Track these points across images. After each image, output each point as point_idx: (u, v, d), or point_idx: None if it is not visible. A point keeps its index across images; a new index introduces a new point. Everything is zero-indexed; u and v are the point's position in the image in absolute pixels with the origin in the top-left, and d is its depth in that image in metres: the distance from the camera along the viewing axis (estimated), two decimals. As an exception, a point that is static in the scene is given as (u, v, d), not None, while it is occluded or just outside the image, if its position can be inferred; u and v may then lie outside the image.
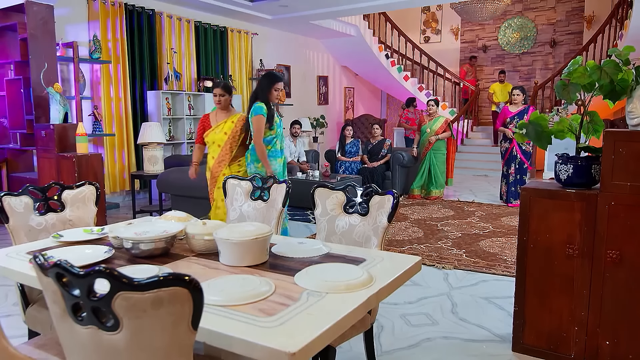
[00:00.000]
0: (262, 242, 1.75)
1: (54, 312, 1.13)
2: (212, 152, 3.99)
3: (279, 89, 3.89)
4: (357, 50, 10.29)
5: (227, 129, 3.93)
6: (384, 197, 2.12)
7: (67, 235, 2.09)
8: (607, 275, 2.29)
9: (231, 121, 3.96)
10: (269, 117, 3.86)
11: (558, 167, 2.44)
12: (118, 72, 6.45)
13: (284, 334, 1.18)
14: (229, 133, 3.93)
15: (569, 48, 11.19)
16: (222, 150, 3.93)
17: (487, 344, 2.70)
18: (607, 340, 2.31)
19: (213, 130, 3.95)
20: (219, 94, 3.92)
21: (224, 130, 3.93)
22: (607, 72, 2.29)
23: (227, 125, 3.94)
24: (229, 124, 3.95)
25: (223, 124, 3.94)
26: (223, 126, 3.93)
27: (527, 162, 6.44)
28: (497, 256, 4.29)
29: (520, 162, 6.43)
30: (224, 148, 3.93)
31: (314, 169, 7.51)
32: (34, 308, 2.05)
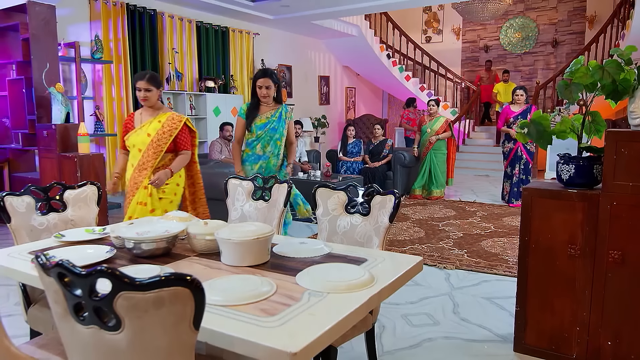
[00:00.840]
0: (264, 242, 1.75)
1: (55, 312, 1.13)
2: (131, 159, 3.28)
3: (262, 85, 3.54)
4: (359, 50, 10.29)
5: (152, 130, 3.22)
6: (386, 197, 2.12)
7: (68, 235, 2.09)
8: (609, 275, 2.28)
9: (157, 121, 3.24)
10: (248, 117, 3.62)
11: (560, 167, 2.44)
12: (120, 72, 6.45)
13: (286, 334, 1.18)
14: (152, 135, 3.20)
15: (570, 48, 11.18)
16: (143, 157, 3.19)
17: (489, 344, 2.70)
18: (609, 341, 2.31)
19: (135, 132, 3.24)
20: (144, 87, 3.20)
21: (146, 132, 3.21)
22: (609, 72, 2.28)
23: (151, 126, 3.23)
24: (154, 123, 3.24)
25: (148, 125, 3.24)
26: (147, 127, 3.23)
27: (532, 162, 6.43)
28: (499, 256, 4.28)
29: (525, 162, 6.40)
30: (146, 153, 3.19)
31: (315, 169, 7.51)
32: (35, 308, 2.06)
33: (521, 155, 6.41)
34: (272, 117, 3.61)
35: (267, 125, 3.60)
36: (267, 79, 3.55)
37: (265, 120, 3.61)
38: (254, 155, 3.65)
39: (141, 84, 3.21)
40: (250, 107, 3.63)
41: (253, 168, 3.64)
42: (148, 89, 3.22)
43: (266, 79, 3.54)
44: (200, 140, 7.44)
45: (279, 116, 3.64)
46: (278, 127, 3.64)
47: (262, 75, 3.57)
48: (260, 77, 3.56)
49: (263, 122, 3.60)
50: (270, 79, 3.55)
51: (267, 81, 3.55)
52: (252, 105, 3.63)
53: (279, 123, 3.64)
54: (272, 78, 3.56)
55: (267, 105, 3.63)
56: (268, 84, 3.55)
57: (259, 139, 3.60)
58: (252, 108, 3.62)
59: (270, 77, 3.55)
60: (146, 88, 3.22)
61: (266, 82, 3.55)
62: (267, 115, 3.62)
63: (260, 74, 3.58)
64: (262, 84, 3.55)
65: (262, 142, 3.60)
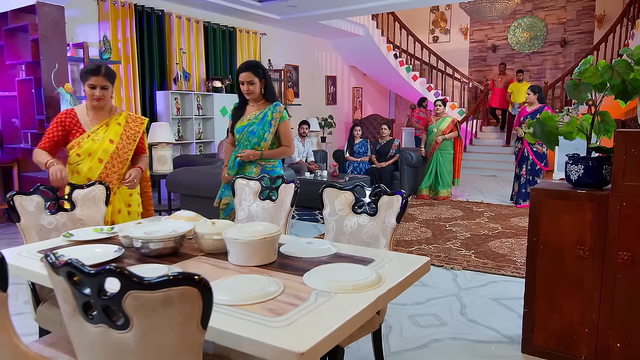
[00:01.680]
0: (271, 242, 1.75)
1: (64, 311, 1.14)
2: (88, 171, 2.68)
3: (244, 81, 3.01)
4: (366, 50, 10.28)
5: (114, 136, 2.73)
6: (393, 197, 2.12)
7: (77, 235, 2.11)
8: (619, 276, 2.27)
9: (116, 123, 2.77)
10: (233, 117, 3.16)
11: (569, 168, 2.42)
12: (128, 73, 6.49)
13: (293, 334, 1.18)
14: (116, 141, 2.74)
15: (579, 47, 11.10)
16: (106, 167, 2.71)
17: (496, 345, 2.69)
18: (618, 343, 2.29)
19: (89, 138, 2.69)
20: (100, 85, 2.63)
21: (108, 137, 2.72)
22: (618, 72, 2.26)
23: (111, 130, 2.74)
24: (114, 127, 2.75)
25: (105, 129, 2.73)
26: (106, 131, 2.73)
27: (539, 163, 6.33)
28: (507, 257, 4.26)
29: (532, 164, 6.34)
30: (110, 163, 2.72)
31: (322, 169, 7.51)
32: (44, 306, 2.07)
33: (528, 156, 6.36)
34: (253, 118, 3.07)
35: (245, 128, 3.06)
36: (249, 73, 3.00)
37: (245, 123, 3.08)
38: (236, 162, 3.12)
39: (96, 80, 2.62)
40: (236, 107, 3.17)
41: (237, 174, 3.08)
42: (105, 87, 2.66)
43: (248, 73, 3.00)
44: (207, 140, 7.47)
45: (263, 117, 3.06)
46: (257, 130, 3.05)
47: (243, 69, 3.02)
48: (242, 70, 3.02)
49: (243, 124, 3.09)
50: (254, 73, 3.00)
51: (249, 75, 3.00)
52: (238, 105, 3.17)
53: (260, 126, 3.05)
54: (256, 72, 3.01)
55: (254, 104, 3.10)
56: (251, 79, 3.00)
57: (238, 143, 3.12)
58: (238, 108, 3.16)
59: (254, 71, 3.00)
60: (103, 85, 2.65)
61: (248, 77, 3.00)
62: (249, 117, 3.09)
63: (242, 68, 3.03)
64: (244, 79, 3.01)
65: (240, 148, 3.09)
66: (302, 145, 7.49)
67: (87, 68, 2.66)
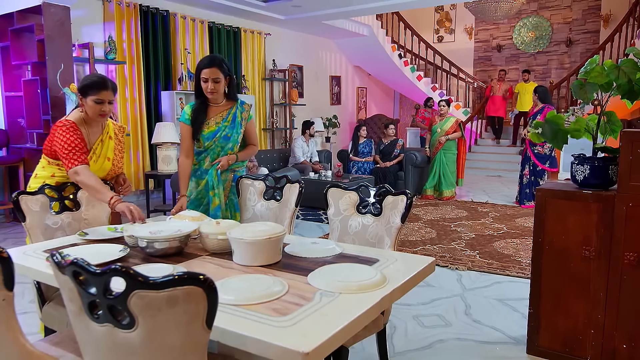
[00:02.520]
0: (275, 242, 1.75)
1: (70, 310, 1.14)
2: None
3: (208, 78, 2.60)
4: (370, 50, 10.27)
5: (109, 152, 2.60)
6: (397, 198, 2.11)
7: (92, 234, 2.14)
8: (625, 277, 2.25)
9: (108, 137, 2.60)
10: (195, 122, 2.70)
11: (574, 168, 2.41)
12: (133, 73, 6.51)
13: (298, 334, 1.18)
14: (112, 157, 2.61)
15: (585, 47, 11.05)
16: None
17: (501, 346, 2.68)
18: (624, 344, 2.28)
19: (92, 160, 2.52)
20: (109, 99, 2.46)
21: (106, 155, 2.58)
22: (625, 72, 2.25)
23: (107, 146, 2.59)
24: (108, 142, 2.60)
25: (100, 145, 2.56)
26: (102, 148, 2.57)
27: (541, 164, 6.33)
28: (512, 257, 4.25)
29: (533, 164, 6.36)
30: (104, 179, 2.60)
31: (326, 169, 7.51)
32: (50, 306, 2.08)
33: (529, 157, 6.38)
34: (223, 121, 2.73)
35: (217, 134, 2.72)
36: (214, 69, 2.60)
37: (214, 128, 2.71)
38: (200, 170, 2.77)
39: (105, 94, 2.43)
40: (196, 110, 2.72)
41: (198, 185, 2.77)
42: (111, 101, 2.48)
43: (213, 69, 2.60)
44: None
45: (233, 118, 2.76)
46: (232, 133, 2.75)
47: (207, 64, 2.60)
48: (206, 66, 2.60)
49: (212, 129, 2.71)
50: (219, 70, 2.62)
51: (214, 72, 2.60)
52: (197, 107, 2.72)
53: (232, 129, 2.75)
54: (222, 68, 2.63)
55: (216, 105, 2.74)
56: (216, 76, 2.61)
57: (208, 150, 2.75)
58: (199, 111, 2.72)
59: (219, 67, 2.62)
60: (110, 100, 2.48)
61: (213, 74, 2.60)
62: (216, 120, 2.72)
63: (206, 62, 2.62)
64: (208, 76, 2.60)
65: (211, 155, 2.75)
66: (306, 145, 7.50)
67: (92, 81, 2.44)
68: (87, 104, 2.44)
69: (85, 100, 2.44)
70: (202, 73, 2.63)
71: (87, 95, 2.42)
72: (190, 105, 2.76)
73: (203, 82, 2.64)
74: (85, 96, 2.43)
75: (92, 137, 2.54)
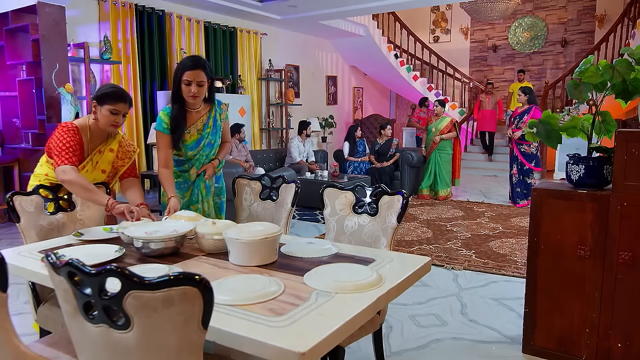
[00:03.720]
0: (271, 242, 1.75)
1: (65, 311, 1.14)
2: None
3: (192, 80, 2.40)
4: (366, 50, 10.28)
5: (106, 165, 2.53)
6: (394, 197, 2.12)
7: (87, 234, 2.12)
8: (619, 276, 2.26)
9: (109, 149, 2.53)
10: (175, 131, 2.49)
11: (569, 168, 2.42)
12: (128, 73, 6.49)
13: (294, 334, 1.18)
14: (108, 170, 2.55)
15: (580, 47, 11.09)
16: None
17: (497, 345, 2.68)
18: (619, 343, 2.29)
19: (84, 168, 2.45)
20: (124, 112, 2.42)
21: (100, 167, 2.51)
22: (619, 72, 2.26)
23: (104, 158, 2.52)
24: (107, 154, 2.53)
25: (98, 156, 2.49)
26: (98, 159, 2.50)
27: (528, 163, 6.38)
28: (507, 257, 4.26)
29: (521, 163, 6.41)
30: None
31: (322, 169, 7.51)
32: (45, 307, 2.07)
33: (516, 156, 6.43)
34: (205, 127, 2.55)
35: (201, 142, 2.56)
36: (199, 72, 2.41)
37: (197, 136, 2.54)
38: (186, 183, 2.61)
39: (124, 107, 2.40)
40: (176, 117, 2.49)
41: (184, 196, 2.61)
42: (126, 114, 2.44)
43: (198, 72, 2.41)
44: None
45: (214, 123, 2.60)
46: (215, 139, 2.61)
47: (192, 66, 2.40)
48: (190, 68, 2.40)
49: (194, 138, 2.54)
50: (204, 72, 2.43)
51: (199, 74, 2.41)
52: (176, 114, 2.49)
53: (215, 134, 2.60)
54: (206, 71, 2.45)
55: (195, 110, 2.54)
56: (201, 79, 2.43)
57: (192, 160, 2.60)
58: (178, 118, 2.49)
59: (204, 70, 2.43)
60: (126, 113, 2.43)
61: (198, 76, 2.41)
62: (197, 127, 2.54)
63: (190, 64, 2.41)
64: (192, 78, 2.40)
65: (196, 165, 2.61)
66: (302, 145, 7.49)
67: (112, 91, 2.39)
68: (102, 113, 2.39)
69: (100, 108, 2.39)
70: (184, 75, 2.42)
71: (103, 104, 2.38)
72: (166, 112, 2.51)
73: (185, 84, 2.43)
74: (102, 104, 2.39)
75: (93, 144, 2.48)
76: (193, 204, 2.62)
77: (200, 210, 2.62)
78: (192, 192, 2.62)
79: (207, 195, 2.66)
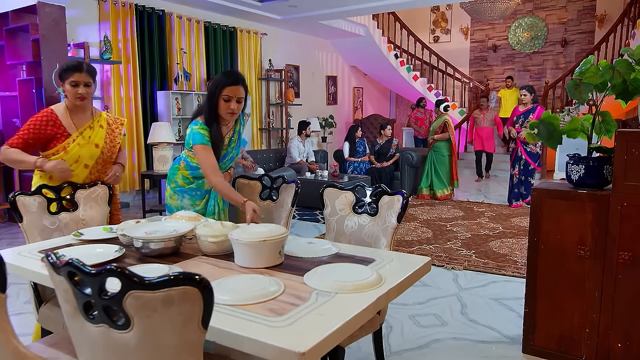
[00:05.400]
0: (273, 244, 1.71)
1: (65, 311, 1.14)
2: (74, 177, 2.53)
3: (233, 97, 2.33)
4: (366, 50, 10.28)
5: (99, 139, 2.59)
6: (394, 197, 2.12)
7: (87, 234, 2.12)
8: (619, 277, 2.26)
9: (99, 125, 2.62)
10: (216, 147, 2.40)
11: (569, 168, 2.42)
12: (128, 73, 6.49)
13: (294, 334, 1.18)
14: (101, 145, 2.61)
15: (580, 47, 11.09)
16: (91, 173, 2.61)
17: (497, 345, 2.69)
18: (619, 343, 2.29)
19: (75, 142, 2.52)
20: (84, 81, 2.48)
21: (94, 142, 2.58)
22: (619, 72, 2.26)
23: (96, 134, 2.59)
24: (98, 130, 2.60)
25: (89, 132, 2.57)
26: (90, 135, 2.57)
27: (533, 163, 6.36)
28: (507, 257, 4.26)
29: (525, 164, 6.37)
30: (95, 168, 2.61)
31: (322, 169, 7.51)
32: (47, 307, 2.07)
33: (520, 156, 6.40)
34: (230, 142, 2.52)
35: (226, 157, 2.53)
36: (239, 88, 2.35)
37: (224, 150, 2.51)
38: (199, 190, 2.52)
39: (80, 76, 2.46)
40: (217, 134, 2.40)
41: (194, 203, 2.52)
42: (88, 83, 2.50)
43: (239, 88, 2.34)
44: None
45: (239, 135, 2.58)
46: (237, 152, 2.60)
47: (234, 81, 2.33)
48: (232, 83, 2.32)
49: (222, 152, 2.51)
50: (243, 87, 2.38)
51: (239, 90, 2.35)
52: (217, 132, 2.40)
53: (238, 148, 2.59)
54: (245, 86, 2.40)
55: (226, 125, 2.49)
56: (241, 95, 2.36)
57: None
58: (219, 135, 2.42)
59: (244, 85, 2.38)
60: (86, 82, 2.49)
61: (238, 92, 2.34)
62: (224, 143, 2.50)
63: (232, 79, 2.34)
64: (233, 95, 2.33)
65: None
66: (302, 145, 7.49)
67: (67, 65, 2.50)
68: (66, 89, 2.50)
69: (64, 85, 2.50)
70: (224, 91, 2.31)
71: (64, 80, 2.49)
72: (203, 126, 2.37)
73: (224, 100, 2.33)
74: (63, 81, 2.49)
75: (77, 122, 2.57)
76: (209, 214, 2.52)
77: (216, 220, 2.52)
78: (207, 202, 2.55)
79: (225, 205, 2.59)
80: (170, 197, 2.57)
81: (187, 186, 2.53)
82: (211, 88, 2.37)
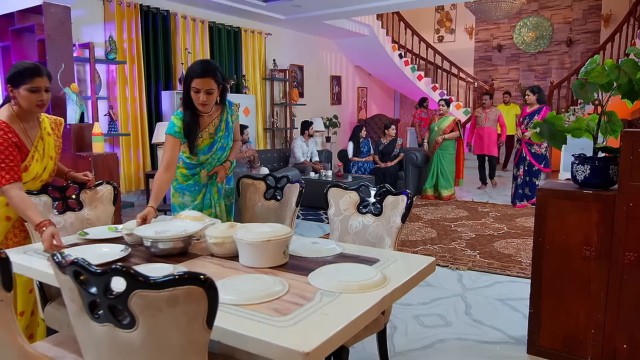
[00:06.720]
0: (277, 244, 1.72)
1: (71, 310, 1.14)
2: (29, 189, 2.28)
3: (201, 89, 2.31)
4: (371, 50, 10.26)
5: (51, 150, 2.38)
6: (398, 197, 2.12)
7: (92, 233, 2.13)
8: (625, 277, 2.25)
9: (47, 133, 2.37)
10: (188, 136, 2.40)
11: (575, 168, 2.41)
12: (133, 73, 6.51)
13: (298, 334, 1.18)
14: (54, 156, 2.41)
15: (585, 47, 11.03)
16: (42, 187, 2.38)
17: (502, 346, 2.68)
18: (625, 344, 2.28)
19: (33, 159, 2.28)
20: (45, 87, 2.22)
21: (49, 154, 2.36)
22: (625, 72, 2.25)
23: (47, 143, 2.36)
24: (48, 139, 2.37)
25: (41, 143, 2.33)
26: (43, 146, 2.33)
27: (537, 164, 6.31)
28: (512, 257, 4.24)
29: (529, 164, 6.34)
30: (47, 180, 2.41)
31: (326, 168, 7.51)
32: (52, 306, 2.08)
33: (525, 157, 6.35)
34: (217, 131, 2.50)
35: (214, 147, 2.50)
36: (208, 80, 2.31)
37: (209, 141, 2.48)
38: (197, 185, 2.54)
39: (41, 81, 2.19)
40: (188, 123, 2.40)
41: (195, 199, 2.55)
42: (48, 89, 2.24)
43: (207, 80, 2.31)
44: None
45: (226, 125, 2.53)
46: (228, 142, 2.56)
47: (200, 74, 2.30)
48: (198, 75, 2.30)
49: (207, 143, 2.48)
50: (214, 80, 2.33)
51: (208, 82, 2.31)
52: (189, 120, 2.40)
53: (227, 137, 2.55)
54: (216, 78, 2.34)
55: (207, 114, 2.47)
56: (210, 87, 2.32)
57: (204, 164, 2.53)
58: (191, 124, 2.41)
59: (214, 77, 2.33)
60: (47, 87, 2.23)
61: (207, 84, 2.31)
62: (209, 131, 2.47)
63: (198, 71, 2.30)
64: (201, 87, 2.31)
65: (208, 168, 2.54)
66: (305, 145, 7.50)
67: (23, 67, 2.17)
68: (21, 95, 2.17)
69: (18, 91, 2.17)
70: (193, 82, 2.32)
71: (19, 85, 2.16)
72: (178, 116, 2.42)
73: (194, 92, 2.33)
74: (17, 86, 2.17)
75: (30, 132, 2.29)
76: (206, 208, 2.56)
77: (213, 214, 2.58)
78: (204, 196, 2.56)
79: (220, 198, 2.61)
80: (173, 196, 2.62)
81: (185, 183, 2.56)
82: (184, 78, 2.39)
